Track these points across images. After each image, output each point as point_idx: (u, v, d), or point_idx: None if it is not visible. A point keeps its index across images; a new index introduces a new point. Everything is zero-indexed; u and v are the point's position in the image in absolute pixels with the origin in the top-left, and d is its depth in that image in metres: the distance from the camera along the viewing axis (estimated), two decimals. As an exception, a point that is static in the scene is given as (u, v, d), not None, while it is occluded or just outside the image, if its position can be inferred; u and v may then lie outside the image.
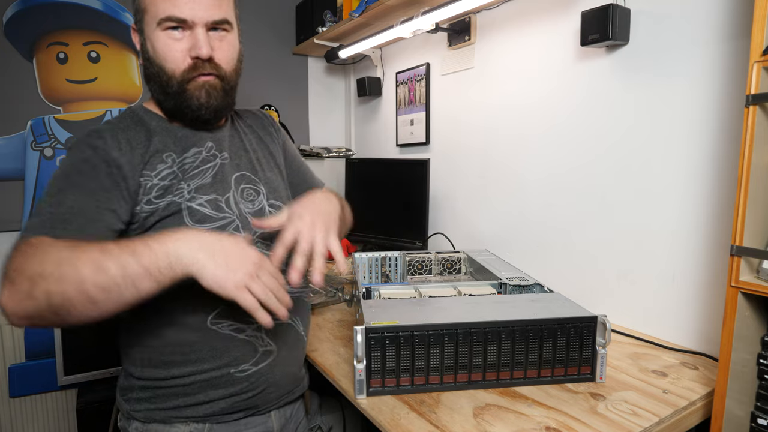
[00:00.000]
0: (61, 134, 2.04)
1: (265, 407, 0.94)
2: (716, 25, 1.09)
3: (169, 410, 0.88)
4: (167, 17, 0.83)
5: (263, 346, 0.91)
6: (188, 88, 0.87)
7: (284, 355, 0.94)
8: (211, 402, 0.89)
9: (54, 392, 2.09)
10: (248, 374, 0.89)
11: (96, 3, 2.05)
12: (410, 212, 1.97)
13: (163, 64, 0.86)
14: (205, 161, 0.92)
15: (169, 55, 0.85)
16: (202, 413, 0.88)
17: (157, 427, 0.89)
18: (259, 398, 0.92)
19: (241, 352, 0.89)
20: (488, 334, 0.94)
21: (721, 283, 1.10)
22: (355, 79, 2.56)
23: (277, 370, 0.93)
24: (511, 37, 1.64)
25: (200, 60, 0.85)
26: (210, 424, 0.89)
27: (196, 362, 0.87)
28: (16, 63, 1.95)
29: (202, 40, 0.84)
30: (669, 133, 1.20)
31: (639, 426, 0.83)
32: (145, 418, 0.89)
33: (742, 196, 0.80)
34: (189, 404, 0.88)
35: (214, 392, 0.88)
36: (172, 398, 0.88)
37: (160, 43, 0.85)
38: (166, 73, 0.86)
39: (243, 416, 0.92)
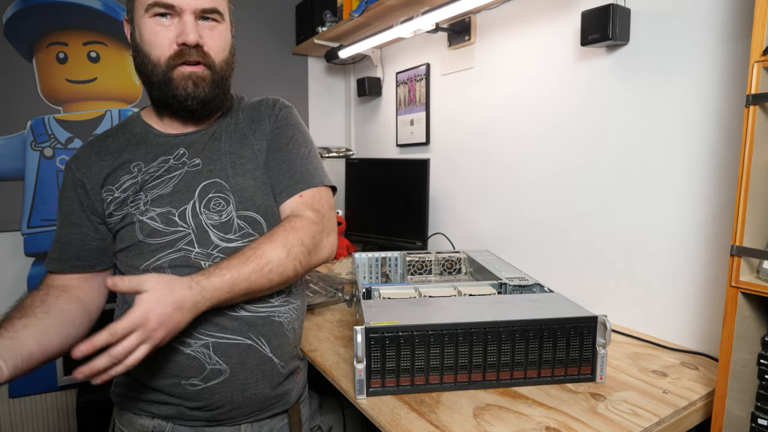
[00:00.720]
0: (61, 134, 2.04)
1: (231, 421, 0.90)
2: (716, 25, 1.09)
3: (139, 402, 0.90)
4: (154, 2, 0.81)
5: (211, 364, 0.85)
6: (173, 77, 0.84)
7: (242, 375, 0.87)
8: (169, 405, 0.88)
9: (54, 392, 2.09)
10: (200, 389, 0.86)
11: (96, 3, 2.05)
12: (410, 212, 1.97)
13: (149, 51, 0.84)
14: (171, 170, 0.89)
15: (156, 41, 0.83)
16: (163, 413, 0.88)
17: (129, 416, 0.92)
18: (221, 413, 0.88)
19: (187, 366, 0.85)
20: (488, 334, 0.94)
21: (721, 283, 1.10)
22: (355, 79, 2.56)
23: (234, 390, 0.87)
24: (511, 37, 1.64)
25: (187, 47, 0.83)
26: (173, 424, 0.89)
27: (149, 367, 0.85)
28: (16, 63, 1.95)
29: (190, 26, 0.82)
30: (669, 133, 1.20)
31: (639, 426, 0.83)
32: (120, 405, 0.93)
33: (742, 196, 0.80)
34: (153, 401, 0.89)
35: (171, 398, 0.87)
36: (139, 391, 0.90)
37: (147, 29, 0.83)
38: (152, 60, 0.84)
39: (207, 424, 0.89)
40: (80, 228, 0.90)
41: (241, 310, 0.87)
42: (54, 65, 2.01)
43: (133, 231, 0.86)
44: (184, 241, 0.86)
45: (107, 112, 2.12)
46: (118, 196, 0.87)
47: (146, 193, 0.87)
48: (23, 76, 1.97)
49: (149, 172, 0.89)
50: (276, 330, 0.91)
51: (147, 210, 0.86)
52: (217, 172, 0.90)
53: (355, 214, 2.28)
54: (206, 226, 0.87)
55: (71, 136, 2.06)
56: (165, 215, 0.86)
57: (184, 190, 0.88)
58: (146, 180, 0.88)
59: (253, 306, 0.89)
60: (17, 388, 2.03)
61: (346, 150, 2.58)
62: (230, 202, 0.89)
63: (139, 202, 0.87)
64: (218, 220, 0.88)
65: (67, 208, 0.91)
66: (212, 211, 0.88)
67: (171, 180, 0.88)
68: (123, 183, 0.88)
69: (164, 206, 0.87)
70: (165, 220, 0.86)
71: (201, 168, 0.90)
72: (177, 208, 0.87)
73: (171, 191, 0.88)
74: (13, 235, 2.01)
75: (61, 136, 2.04)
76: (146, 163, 0.89)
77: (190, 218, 0.87)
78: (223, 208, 0.89)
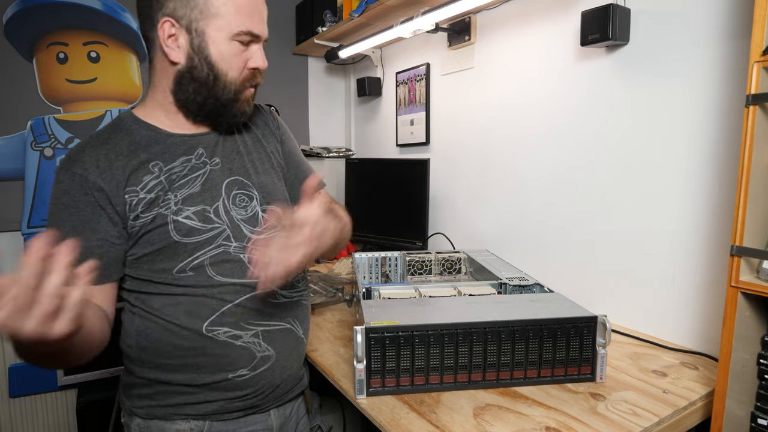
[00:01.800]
0: (61, 134, 2.04)
1: (265, 406, 0.95)
2: (716, 25, 1.09)
3: (170, 407, 0.89)
4: (247, 32, 0.86)
5: (261, 351, 0.90)
6: (241, 98, 0.90)
7: (283, 358, 0.94)
8: (210, 402, 0.89)
9: (54, 392, 2.09)
10: (246, 378, 0.89)
11: (96, 3, 2.05)
12: (410, 212, 1.97)
13: (226, 70, 0.87)
14: (194, 169, 0.90)
15: (236, 64, 0.87)
16: (202, 411, 0.89)
17: (158, 423, 0.90)
18: (258, 399, 0.92)
19: (238, 358, 0.88)
20: (488, 334, 0.94)
21: (721, 283, 1.10)
22: (355, 79, 2.56)
23: (276, 373, 0.93)
24: (511, 37, 1.64)
25: (258, 71, 0.91)
26: (210, 421, 0.90)
27: (193, 367, 0.87)
28: (16, 63, 1.95)
29: (262, 54, 0.89)
30: (669, 133, 1.20)
31: (639, 426, 0.83)
32: (147, 414, 0.90)
33: (742, 196, 0.80)
34: (189, 402, 0.89)
35: (213, 394, 0.89)
36: (172, 396, 0.89)
37: (230, 51, 0.86)
38: (226, 80, 0.87)
39: (242, 415, 0.92)
40: (101, 234, 0.84)
41: (280, 296, 0.94)
42: (54, 65, 2.01)
43: (167, 232, 0.85)
44: (222, 236, 0.89)
45: (107, 112, 2.12)
46: (144, 196, 0.85)
47: (175, 192, 0.87)
48: (23, 76, 1.97)
49: (174, 172, 0.88)
50: (305, 312, 1.01)
51: (180, 209, 0.86)
52: (236, 170, 0.94)
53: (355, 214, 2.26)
54: (237, 221, 0.91)
55: (71, 136, 2.06)
56: (201, 213, 0.88)
57: (212, 188, 0.91)
58: (173, 180, 0.88)
59: (288, 292, 0.96)
60: (17, 388, 2.03)
61: (346, 150, 2.59)
62: (254, 197, 0.94)
63: (170, 202, 0.86)
64: (246, 215, 0.93)
65: (80, 217, 0.83)
66: (239, 207, 0.92)
67: (197, 179, 0.90)
68: (147, 183, 0.86)
69: (198, 204, 0.88)
70: (202, 217, 0.88)
71: (222, 167, 0.93)
72: (210, 205, 0.89)
73: (200, 190, 0.89)
74: (13, 235, 2.01)
75: (61, 136, 2.04)
76: (166, 163, 0.88)
77: (223, 214, 0.90)
78: (247, 203, 0.93)
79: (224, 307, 0.87)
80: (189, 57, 0.86)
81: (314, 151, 2.49)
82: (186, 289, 0.86)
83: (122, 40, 2.12)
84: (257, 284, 0.75)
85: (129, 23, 2.12)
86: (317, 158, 2.48)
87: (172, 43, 0.85)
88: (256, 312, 0.90)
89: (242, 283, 0.89)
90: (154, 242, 0.85)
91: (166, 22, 0.84)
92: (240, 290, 0.89)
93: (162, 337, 0.87)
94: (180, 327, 0.86)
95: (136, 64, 2.16)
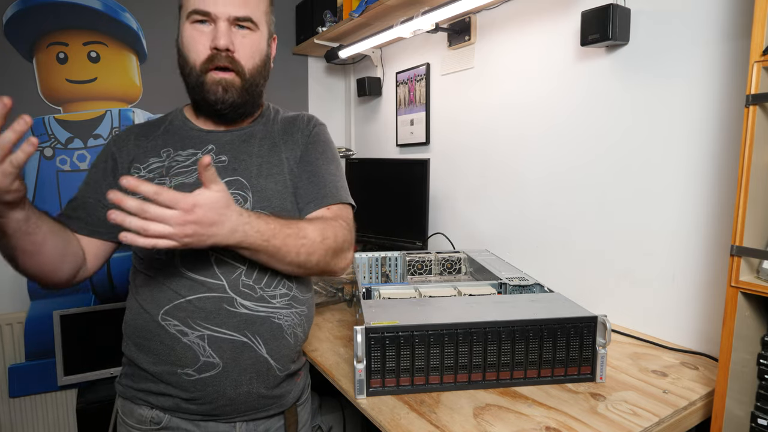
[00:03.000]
0: (61, 134, 2.04)
1: (226, 417, 0.91)
2: (716, 25, 1.09)
3: (139, 392, 0.92)
4: (194, 10, 0.88)
5: (205, 356, 0.87)
6: (206, 81, 0.90)
7: (235, 372, 0.88)
8: (168, 396, 0.90)
9: (54, 392, 2.09)
10: (194, 380, 0.87)
11: (96, 3, 2.05)
12: (410, 212, 1.97)
13: (188, 55, 0.91)
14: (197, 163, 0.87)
15: (193, 46, 0.90)
16: (161, 403, 0.90)
17: (130, 405, 0.94)
18: (211, 407, 0.89)
19: (183, 355, 0.87)
20: (488, 334, 0.94)
21: (721, 283, 1.10)
22: (355, 79, 2.56)
23: (227, 386, 0.88)
24: (511, 37, 1.64)
25: (218, 51, 0.88)
26: (170, 416, 0.91)
27: (151, 352, 0.89)
28: (16, 63, 1.95)
29: (222, 32, 0.88)
30: (669, 133, 1.20)
31: (639, 426, 0.83)
32: (123, 394, 0.95)
33: (742, 196, 0.80)
34: (152, 391, 0.91)
35: (170, 388, 0.89)
36: (142, 381, 0.92)
37: (187, 34, 0.90)
38: (189, 63, 0.91)
39: (202, 419, 0.90)
40: (98, 195, 0.93)
41: (240, 306, 0.88)
42: (54, 65, 2.01)
43: None
44: None
45: (107, 112, 2.12)
46: (144, 175, 0.92)
47: (171, 178, 0.92)
48: (23, 76, 1.97)
49: (177, 160, 0.94)
50: (275, 332, 0.91)
51: None
52: (240, 171, 0.94)
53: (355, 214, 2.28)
54: None
55: (71, 136, 2.06)
56: None
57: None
58: (172, 166, 0.93)
59: (253, 304, 0.89)
60: (17, 388, 2.03)
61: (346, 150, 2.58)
62: (248, 200, 0.92)
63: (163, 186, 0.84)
64: None
65: (93, 175, 0.96)
66: None
67: (195, 171, 0.92)
68: (150, 164, 0.93)
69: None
70: None
71: (226, 165, 0.94)
72: None
73: (194, 182, 0.91)
74: (13, 235, 2.01)
75: (61, 136, 2.04)
76: (175, 151, 0.95)
77: None
78: (240, 204, 0.89)
79: (177, 301, 0.87)
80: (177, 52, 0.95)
81: (314, 151, 2.48)
82: (157, 272, 0.89)
83: (122, 40, 2.12)
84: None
85: (129, 23, 2.12)
86: (317, 158, 2.48)
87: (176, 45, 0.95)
88: (205, 314, 0.87)
89: (200, 280, 0.88)
90: None
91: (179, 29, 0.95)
92: (195, 287, 0.87)
93: (135, 316, 0.92)
94: (143, 310, 0.90)
95: (136, 64, 2.16)
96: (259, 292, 0.90)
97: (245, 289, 0.89)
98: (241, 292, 0.89)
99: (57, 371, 1.99)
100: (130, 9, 2.11)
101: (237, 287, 0.89)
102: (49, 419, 2.10)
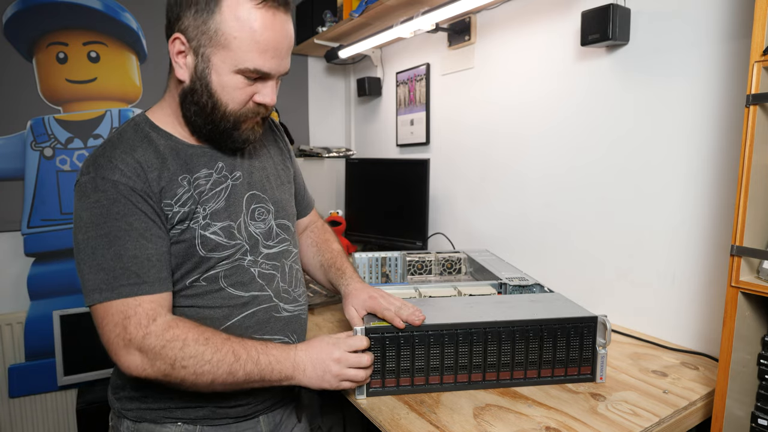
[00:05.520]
0: (60, 134, 2.04)
1: (253, 415, 0.93)
2: (716, 25, 1.09)
3: (160, 411, 0.88)
4: (254, 69, 0.80)
5: None
6: (242, 127, 0.86)
7: None
8: (200, 407, 0.88)
9: (54, 392, 2.09)
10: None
11: (96, 3, 2.05)
12: (410, 212, 1.97)
13: (225, 101, 0.83)
14: (217, 183, 0.88)
15: (234, 94, 0.82)
16: (192, 416, 0.88)
17: (148, 426, 0.88)
18: (248, 408, 0.91)
19: None
20: (488, 334, 0.94)
21: (721, 283, 1.10)
22: (355, 79, 2.56)
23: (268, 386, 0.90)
24: (511, 37, 1.64)
25: (264, 107, 0.86)
26: (201, 426, 0.89)
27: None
28: (16, 63, 1.95)
29: (273, 92, 0.85)
30: (669, 133, 1.20)
31: (639, 426, 0.83)
32: (136, 417, 0.89)
33: (742, 196, 0.80)
34: (179, 407, 0.87)
35: (201, 400, 0.87)
36: (162, 400, 0.87)
37: (231, 84, 0.81)
38: (224, 111, 0.83)
39: (232, 422, 0.91)
40: (161, 241, 0.81)
41: (283, 311, 0.94)
42: (54, 65, 2.01)
43: (193, 246, 0.84)
44: (240, 251, 0.89)
45: (107, 112, 2.12)
46: (178, 210, 0.83)
47: (203, 206, 0.85)
48: (23, 76, 1.97)
49: (200, 185, 0.86)
50: (302, 327, 1.01)
51: (208, 224, 0.85)
52: (255, 184, 0.95)
53: (355, 214, 2.28)
54: (256, 235, 0.92)
55: (71, 136, 2.06)
56: (227, 229, 0.87)
57: (235, 203, 0.90)
58: (201, 193, 0.86)
59: (290, 306, 0.96)
60: (17, 388, 2.03)
61: (346, 150, 2.58)
62: (270, 211, 0.96)
63: (198, 217, 0.84)
64: (263, 229, 0.94)
65: (143, 223, 0.79)
66: (257, 221, 0.93)
67: (220, 194, 0.89)
68: (180, 197, 0.84)
69: (224, 220, 0.87)
70: (227, 234, 0.87)
71: (242, 181, 0.92)
72: (234, 221, 0.89)
73: (225, 205, 0.88)
74: (13, 235, 2.01)
75: (61, 136, 2.04)
76: (192, 175, 0.86)
77: (243, 230, 0.90)
78: (265, 217, 0.94)
79: (229, 322, 0.87)
80: (192, 79, 0.83)
81: (314, 151, 2.48)
82: (194, 300, 0.86)
83: (122, 40, 2.12)
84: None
85: (129, 23, 2.12)
86: (317, 158, 2.48)
87: (180, 60, 0.83)
88: (259, 325, 0.90)
89: (251, 296, 0.89)
90: (179, 255, 0.84)
91: (177, 39, 0.82)
92: (247, 302, 0.89)
93: None
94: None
95: (136, 64, 2.16)
96: (292, 294, 0.97)
97: (284, 294, 0.95)
98: (282, 297, 0.94)
99: (57, 371, 1.99)
100: (130, 9, 2.11)
101: (279, 293, 0.94)
102: (49, 419, 2.10)
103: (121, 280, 0.76)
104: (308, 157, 2.44)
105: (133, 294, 0.76)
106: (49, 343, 2.02)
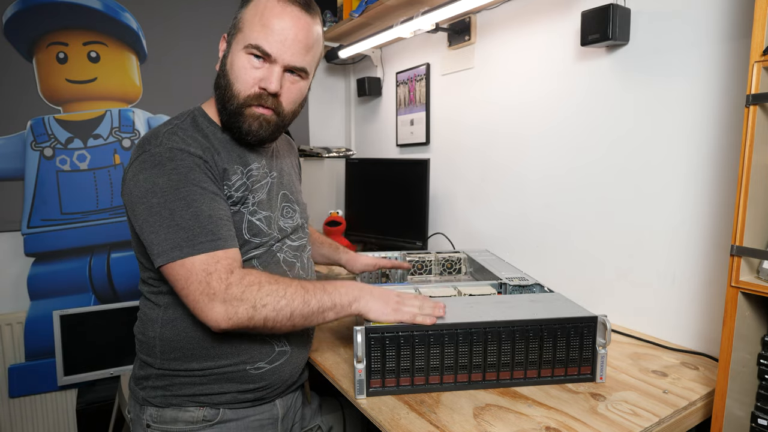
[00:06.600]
0: (61, 134, 2.04)
1: (272, 397, 1.01)
2: (716, 25, 1.09)
3: (185, 397, 0.93)
4: (256, 45, 0.88)
5: (280, 346, 0.97)
6: (245, 112, 0.91)
7: (296, 354, 1.01)
8: (224, 393, 0.94)
9: (54, 392, 2.09)
10: (263, 372, 0.95)
11: (96, 3, 2.05)
12: (410, 212, 1.97)
13: (234, 82, 0.90)
14: (261, 177, 0.99)
15: (242, 77, 0.89)
16: (216, 400, 0.94)
17: (172, 411, 0.93)
18: (268, 392, 0.99)
19: (259, 351, 0.95)
20: (488, 334, 0.94)
21: (721, 283, 1.10)
22: (355, 79, 2.56)
23: (287, 368, 1.00)
24: (511, 37, 1.64)
25: (266, 92, 0.90)
26: (223, 409, 0.94)
27: (215, 357, 0.92)
28: (16, 63, 1.95)
29: (275, 77, 0.89)
30: (669, 133, 1.20)
31: (639, 426, 0.83)
32: (162, 403, 0.94)
33: (742, 196, 0.80)
34: (204, 393, 0.93)
35: (228, 385, 0.93)
36: (187, 386, 0.93)
37: (239, 62, 0.89)
38: (232, 90, 0.90)
39: (252, 405, 0.98)
40: (227, 206, 0.90)
41: None
42: (54, 65, 2.01)
43: (240, 229, 0.93)
44: (273, 239, 0.98)
45: (107, 112, 2.12)
46: (233, 194, 0.92)
47: (253, 195, 0.96)
48: (23, 76, 1.97)
49: (252, 175, 0.97)
50: None
51: (255, 211, 0.95)
52: (285, 185, 1.07)
53: (355, 214, 2.28)
54: (285, 228, 1.02)
55: (71, 136, 2.06)
56: (268, 218, 0.98)
57: (273, 198, 1.01)
58: (253, 182, 0.96)
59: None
60: (17, 388, 2.03)
61: (346, 150, 2.58)
62: (296, 211, 1.07)
63: (248, 203, 0.95)
64: (291, 225, 1.04)
65: (215, 188, 0.88)
66: (286, 218, 1.04)
67: (263, 187, 0.99)
68: (235, 182, 0.93)
69: (266, 210, 0.98)
70: (267, 222, 0.97)
71: (277, 180, 1.04)
72: (272, 212, 1.00)
73: (266, 198, 0.99)
74: (13, 235, 2.01)
75: (61, 136, 2.04)
76: (245, 166, 0.96)
77: (275, 223, 1.00)
78: (292, 215, 1.06)
79: None
80: (220, 66, 0.94)
81: (314, 151, 2.48)
82: None
83: (122, 40, 2.12)
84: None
85: (129, 23, 2.12)
86: (317, 158, 2.48)
87: (220, 53, 0.95)
88: None
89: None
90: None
91: (223, 40, 0.96)
92: None
93: (188, 327, 0.91)
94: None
95: (136, 64, 2.16)
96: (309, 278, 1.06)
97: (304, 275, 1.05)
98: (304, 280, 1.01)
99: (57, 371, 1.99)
100: (130, 9, 2.11)
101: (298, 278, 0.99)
102: (49, 419, 2.10)
103: (200, 237, 0.82)
104: (308, 157, 2.44)
105: (212, 249, 0.82)
106: (49, 343, 2.02)
